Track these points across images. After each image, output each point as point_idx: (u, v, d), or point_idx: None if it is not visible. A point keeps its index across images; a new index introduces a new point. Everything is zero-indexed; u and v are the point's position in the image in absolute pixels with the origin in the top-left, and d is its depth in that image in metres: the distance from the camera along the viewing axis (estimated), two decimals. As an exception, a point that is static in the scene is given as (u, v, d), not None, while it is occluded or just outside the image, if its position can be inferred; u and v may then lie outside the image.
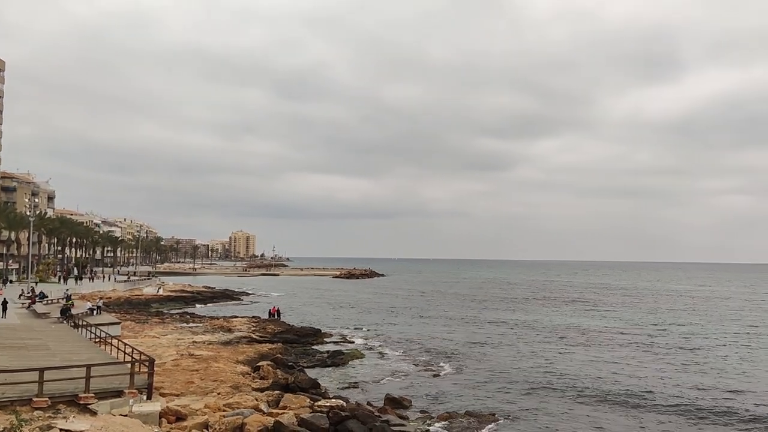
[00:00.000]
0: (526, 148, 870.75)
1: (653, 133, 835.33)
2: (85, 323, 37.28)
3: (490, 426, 25.28)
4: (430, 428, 24.49)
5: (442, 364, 39.96)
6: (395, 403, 27.85)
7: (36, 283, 77.54)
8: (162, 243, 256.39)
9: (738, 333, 56.93)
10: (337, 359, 40.33)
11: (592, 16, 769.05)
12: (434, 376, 36.18)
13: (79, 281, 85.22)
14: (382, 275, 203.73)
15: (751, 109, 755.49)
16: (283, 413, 22.59)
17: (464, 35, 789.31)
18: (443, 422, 25.32)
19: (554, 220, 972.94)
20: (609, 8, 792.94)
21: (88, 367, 19.95)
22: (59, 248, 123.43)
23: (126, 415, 19.36)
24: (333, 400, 26.03)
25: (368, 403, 27.43)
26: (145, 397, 21.12)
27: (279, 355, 38.37)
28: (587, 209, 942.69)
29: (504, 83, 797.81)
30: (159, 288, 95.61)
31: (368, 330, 57.68)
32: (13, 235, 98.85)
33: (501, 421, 25.94)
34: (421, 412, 27.06)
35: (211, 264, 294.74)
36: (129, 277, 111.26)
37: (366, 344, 48.32)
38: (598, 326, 61.53)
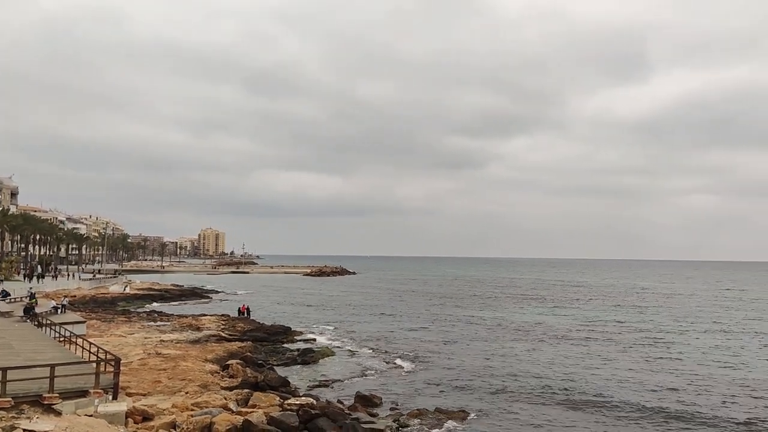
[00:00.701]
0: (498, 146, 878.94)
1: (622, 133, 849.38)
2: (49, 322, 36.48)
3: (460, 422, 25.45)
4: (401, 425, 24.55)
5: (412, 361, 40.08)
6: (366, 400, 27.87)
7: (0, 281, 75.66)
8: (129, 240, 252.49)
9: (700, 329, 58.13)
10: (307, 357, 40.20)
11: (563, 16, 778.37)
12: (405, 373, 36.30)
13: (41, 279, 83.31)
14: (354, 273, 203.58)
15: (717, 109, 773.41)
16: (253, 412, 22.45)
17: (437, 33, 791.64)
18: (414, 419, 25.40)
19: (526, 218, 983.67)
20: (580, 9, 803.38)
21: (52, 366, 19.53)
22: (22, 246, 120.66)
23: (91, 416, 19.04)
24: (303, 398, 25.93)
25: (339, 401, 27.40)
26: (110, 397, 20.77)
27: (248, 354, 38.10)
28: (558, 207, 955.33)
29: (476, 82, 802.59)
30: (125, 286, 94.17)
31: (339, 328, 57.61)
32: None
33: (471, 418, 26.14)
34: (392, 409, 27.11)
35: (179, 262, 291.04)
36: (94, 275, 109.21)
37: (336, 342, 48.25)
38: (565, 323, 62.34)
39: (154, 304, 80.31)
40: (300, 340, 48.93)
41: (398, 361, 39.93)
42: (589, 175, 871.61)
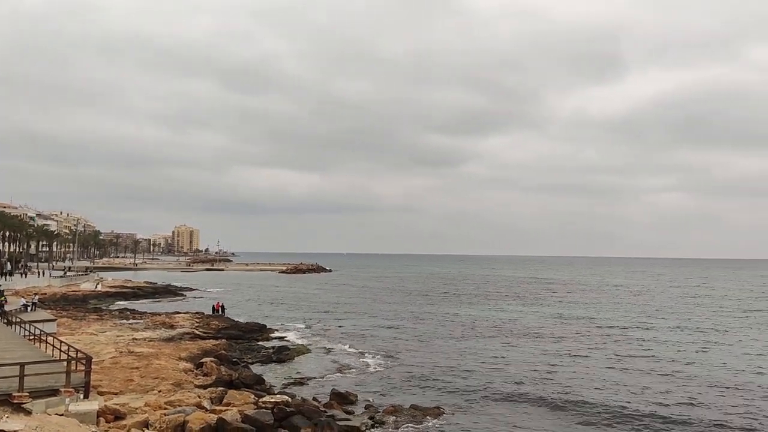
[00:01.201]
0: (475, 144, 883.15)
1: (598, 132, 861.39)
2: (18, 320, 35.86)
3: (435, 419, 25.53)
4: (376, 422, 24.57)
5: (388, 358, 40.12)
6: (341, 398, 27.82)
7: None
8: (101, 237, 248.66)
9: (670, 326, 59.07)
10: (282, 355, 40.04)
11: (539, 15, 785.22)
12: (380, 370, 36.32)
13: (10, 277, 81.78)
14: (330, 270, 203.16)
15: (689, 109, 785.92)
16: (227, 410, 22.28)
17: (415, 31, 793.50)
18: (389, 416, 25.44)
19: (503, 216, 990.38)
20: (556, 8, 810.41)
21: (22, 365, 19.18)
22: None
23: (62, 415, 18.77)
24: (278, 396, 25.83)
25: (314, 399, 27.34)
26: (82, 396, 20.48)
27: (223, 352, 37.83)
28: (535, 205, 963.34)
29: (454, 80, 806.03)
30: (97, 284, 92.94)
31: (314, 325, 57.46)
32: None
33: (446, 414, 26.23)
34: (367, 406, 27.09)
35: (152, 259, 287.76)
36: (65, 273, 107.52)
37: (312, 340, 48.11)
38: (538, 320, 62.92)
39: (127, 301, 79.25)
40: (275, 338, 48.71)
41: (374, 359, 39.95)
42: (566, 174, 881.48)
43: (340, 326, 56.74)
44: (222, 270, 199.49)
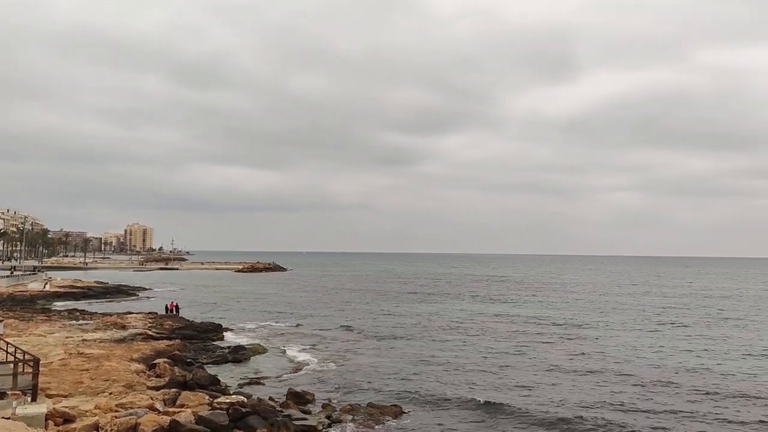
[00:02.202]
0: (433, 143, 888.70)
1: (553, 131, 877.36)
2: (-40, 322, 34.62)
3: (393, 417, 25.60)
4: (334, 421, 24.53)
5: (345, 357, 40.08)
6: (298, 397, 27.66)
7: None
8: (49, 236, 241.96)
9: (618, 322, 60.67)
10: (238, 355, 39.60)
11: (496, 16, 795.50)
12: (337, 369, 36.23)
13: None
14: (287, 269, 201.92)
15: (640, 110, 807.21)
16: (181, 412, 21.94)
17: (372, 29, 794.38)
18: (346, 415, 25.41)
19: (460, 215, 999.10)
20: (511, 9, 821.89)
21: (-36, 368, 18.56)
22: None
23: (9, 418, 18.22)
24: (233, 396, 25.53)
25: (270, 399, 27.10)
26: (29, 399, 19.92)
27: (177, 352, 37.20)
28: (492, 204, 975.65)
29: (411, 79, 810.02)
30: (46, 283, 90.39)
31: (271, 325, 57.00)
32: None
33: (404, 413, 26.34)
34: (324, 406, 26.99)
35: (104, 258, 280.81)
36: (12, 272, 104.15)
37: (268, 339, 47.71)
38: (494, 317, 63.73)
39: (76, 302, 77.12)
40: (231, 338, 48.14)
41: (331, 358, 39.82)
42: (522, 173, 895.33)
43: (296, 325, 56.47)
44: (176, 269, 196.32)
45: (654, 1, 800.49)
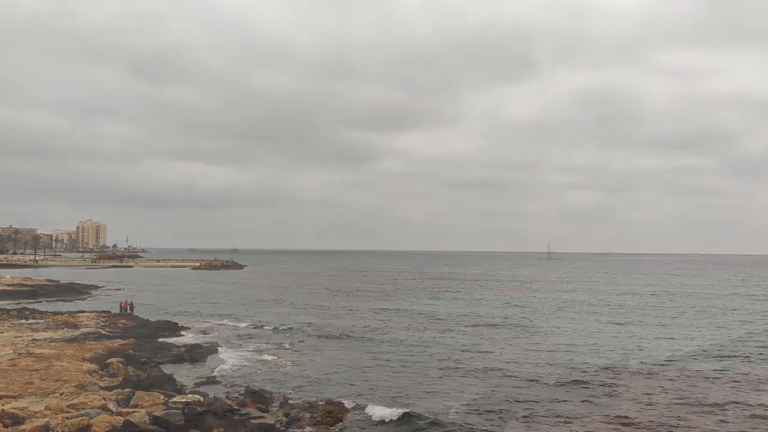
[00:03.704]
0: (394, 140, 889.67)
1: (512, 130, 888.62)
2: None
3: (351, 413, 25.68)
4: (292, 419, 24.43)
5: (303, 354, 39.98)
6: (256, 395, 27.47)
7: None
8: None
9: (569, 317, 62.05)
10: (194, 353, 39.12)
11: (457, 14, 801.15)
12: (295, 366, 36.11)
13: None
14: (245, 266, 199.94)
15: (596, 110, 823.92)
16: (135, 412, 21.60)
17: (334, 25, 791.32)
18: (305, 412, 25.33)
19: (421, 212, 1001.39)
20: (472, 8, 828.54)
21: None
22: None
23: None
24: (189, 395, 25.26)
25: (227, 397, 26.84)
26: (-26, 401, 19.31)
27: (131, 351, 36.59)
28: (452, 201, 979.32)
29: (372, 75, 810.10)
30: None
31: (228, 323, 56.43)
32: None
33: (362, 409, 26.37)
34: (282, 403, 26.90)
35: (55, 255, 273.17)
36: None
37: (225, 337, 47.25)
38: (447, 311, 64.42)
39: (26, 300, 75.07)
40: (187, 336, 47.52)
41: (289, 356, 39.66)
42: (481, 170, 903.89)
43: (254, 324, 55.97)
44: (131, 267, 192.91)
45: (611, 3, 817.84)
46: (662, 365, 36.36)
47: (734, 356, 39.29)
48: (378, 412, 26.13)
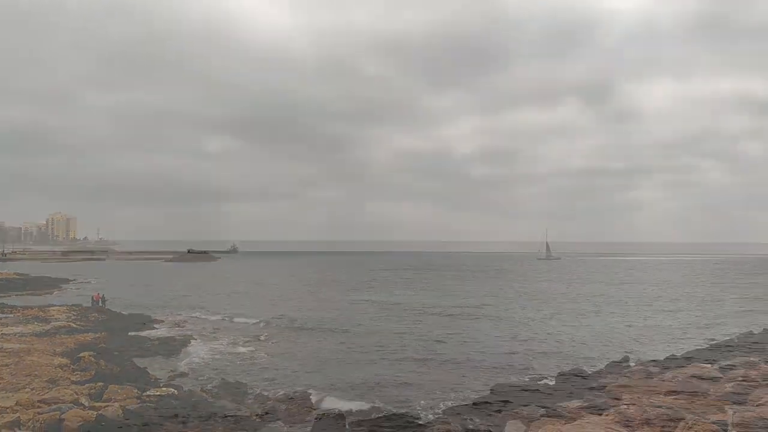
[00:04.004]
0: (363, 133, 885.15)
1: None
2: None
3: (326, 405, 25.70)
4: (267, 411, 24.39)
5: (277, 346, 39.92)
6: (230, 388, 27.43)
7: None
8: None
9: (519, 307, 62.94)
10: (168, 346, 38.84)
11: (430, 7, 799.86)
12: (270, 359, 36.04)
13: None
14: (218, 258, 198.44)
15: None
16: (108, 406, 21.41)
17: (304, 11, 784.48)
18: (280, 404, 25.32)
19: (387, 206, 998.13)
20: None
21: None
22: None
23: None
24: (164, 389, 25.13)
25: (202, 390, 26.75)
26: (-58, 398, 18.95)
27: (103, 345, 36.20)
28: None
29: (340, 69, 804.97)
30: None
31: (201, 314, 55.97)
32: None
33: (337, 400, 26.46)
34: (256, 396, 26.87)
35: (24, 249, 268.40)
36: None
37: (200, 330, 46.89)
38: (425, 306, 64.89)
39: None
40: (161, 329, 47.07)
41: (263, 348, 39.57)
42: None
43: (228, 315, 55.56)
44: (102, 260, 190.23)
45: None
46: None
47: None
48: (352, 404, 26.24)
